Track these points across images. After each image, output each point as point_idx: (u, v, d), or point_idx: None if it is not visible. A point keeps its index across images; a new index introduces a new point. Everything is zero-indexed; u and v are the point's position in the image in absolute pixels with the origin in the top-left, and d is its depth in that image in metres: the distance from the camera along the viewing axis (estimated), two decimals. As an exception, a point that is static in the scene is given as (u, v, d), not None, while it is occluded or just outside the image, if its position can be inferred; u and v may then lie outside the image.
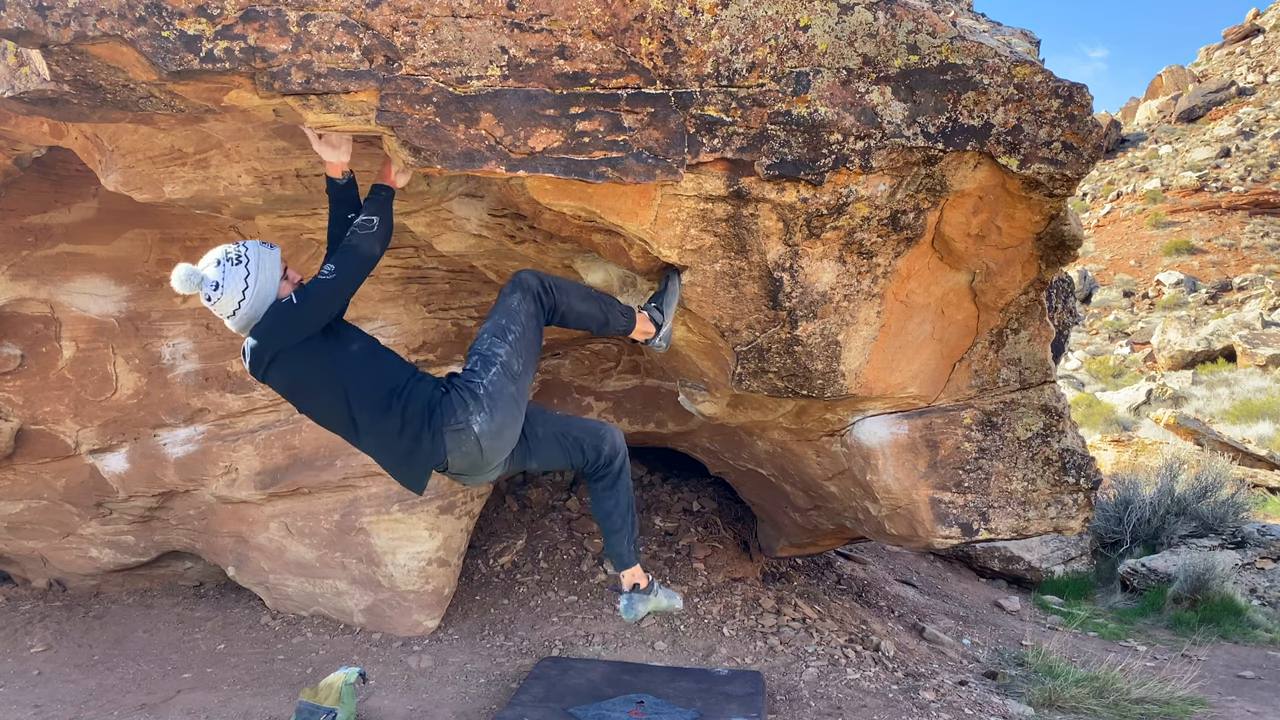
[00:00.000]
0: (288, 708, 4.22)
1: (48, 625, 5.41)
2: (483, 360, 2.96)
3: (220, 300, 2.80)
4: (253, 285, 2.80)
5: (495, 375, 2.92)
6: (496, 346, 2.99)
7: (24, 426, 5.19)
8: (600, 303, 3.29)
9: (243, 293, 2.80)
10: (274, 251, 2.89)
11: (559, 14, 2.81)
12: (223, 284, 2.79)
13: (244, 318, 2.83)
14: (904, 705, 4.47)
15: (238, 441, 5.16)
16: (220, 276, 2.79)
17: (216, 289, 2.79)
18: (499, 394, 2.90)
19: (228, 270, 2.79)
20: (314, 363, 2.87)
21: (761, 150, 2.99)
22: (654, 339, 3.40)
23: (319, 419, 3.04)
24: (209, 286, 2.79)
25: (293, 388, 2.94)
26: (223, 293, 2.79)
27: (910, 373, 3.74)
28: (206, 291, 2.79)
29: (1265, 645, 6.35)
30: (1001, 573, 8.00)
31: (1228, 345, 19.49)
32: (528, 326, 3.07)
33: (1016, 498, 3.91)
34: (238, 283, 2.80)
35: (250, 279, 2.81)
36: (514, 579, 5.78)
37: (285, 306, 2.84)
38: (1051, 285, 4.33)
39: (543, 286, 3.14)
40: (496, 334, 3.03)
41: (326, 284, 2.85)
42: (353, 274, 2.89)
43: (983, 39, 3.06)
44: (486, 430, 2.88)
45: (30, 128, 3.74)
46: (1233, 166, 34.04)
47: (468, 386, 2.90)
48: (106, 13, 2.60)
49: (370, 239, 2.91)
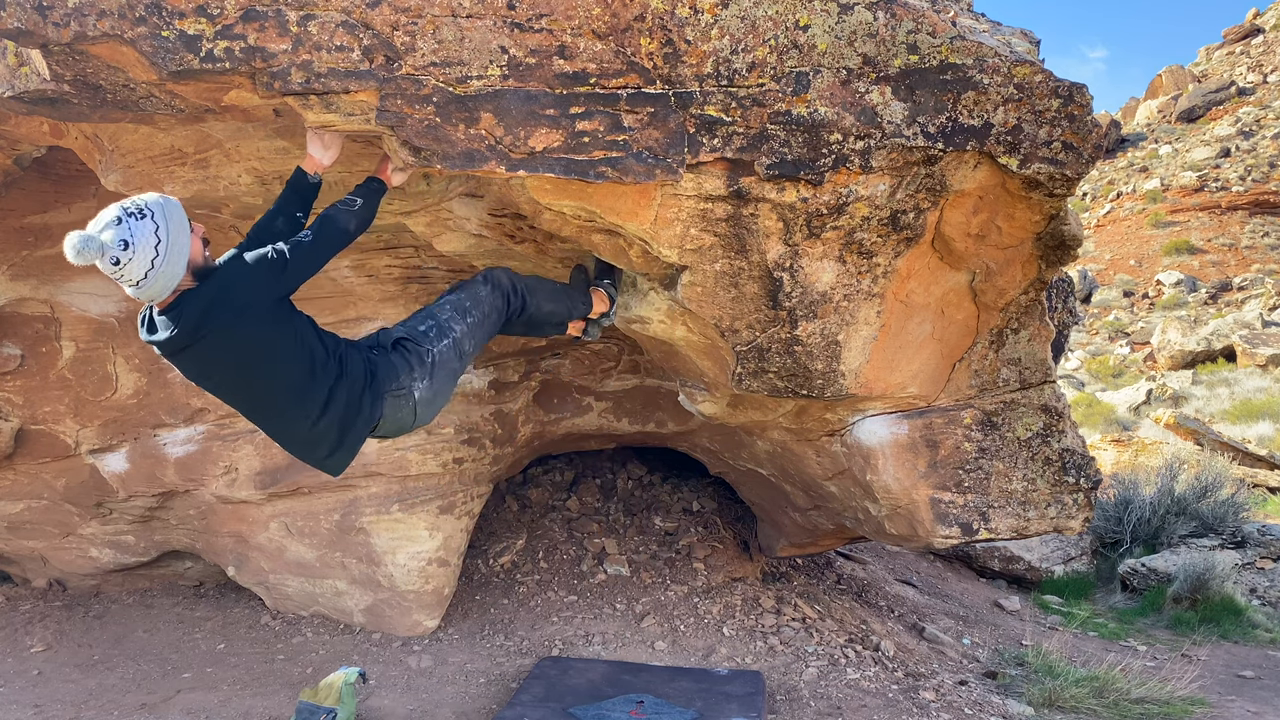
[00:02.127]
0: (288, 708, 4.22)
1: (48, 625, 5.41)
2: (438, 328, 2.90)
3: (130, 263, 2.34)
4: (165, 240, 2.39)
5: (446, 347, 2.87)
6: (454, 321, 2.95)
7: (24, 426, 5.19)
8: (567, 296, 3.30)
9: (155, 249, 2.37)
10: (175, 203, 2.51)
11: (559, 14, 2.81)
12: (132, 243, 2.34)
13: (157, 282, 2.41)
14: (904, 705, 4.47)
15: (238, 441, 5.16)
16: (128, 234, 2.34)
17: (126, 248, 2.33)
18: (443, 365, 2.85)
19: (133, 226, 2.35)
20: (263, 334, 2.56)
21: (761, 150, 2.99)
22: (608, 312, 3.44)
23: (238, 398, 2.71)
24: (115, 247, 2.32)
25: (223, 362, 2.57)
26: (133, 253, 2.34)
27: (910, 373, 3.74)
28: (113, 254, 2.32)
29: (1265, 645, 6.35)
30: (1001, 573, 8.00)
31: (1228, 345, 19.49)
32: (488, 317, 3.05)
33: (1016, 498, 3.91)
34: (148, 239, 2.36)
35: (161, 233, 2.39)
36: (514, 579, 5.78)
37: (260, 264, 2.55)
38: (1051, 285, 4.32)
39: (514, 288, 3.14)
40: (457, 310, 2.99)
41: (306, 246, 2.64)
42: (329, 243, 2.71)
43: (983, 39, 3.06)
44: (424, 397, 2.82)
45: (30, 128, 3.74)
46: (1233, 166, 34.03)
47: (416, 351, 2.81)
48: (106, 13, 2.60)
49: (349, 215, 2.78)
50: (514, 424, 5.51)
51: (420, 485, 5.09)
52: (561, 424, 5.76)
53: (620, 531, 6.25)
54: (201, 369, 2.62)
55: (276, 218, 2.84)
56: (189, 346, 2.52)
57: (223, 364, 2.59)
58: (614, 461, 7.06)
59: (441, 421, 5.09)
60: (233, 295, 2.50)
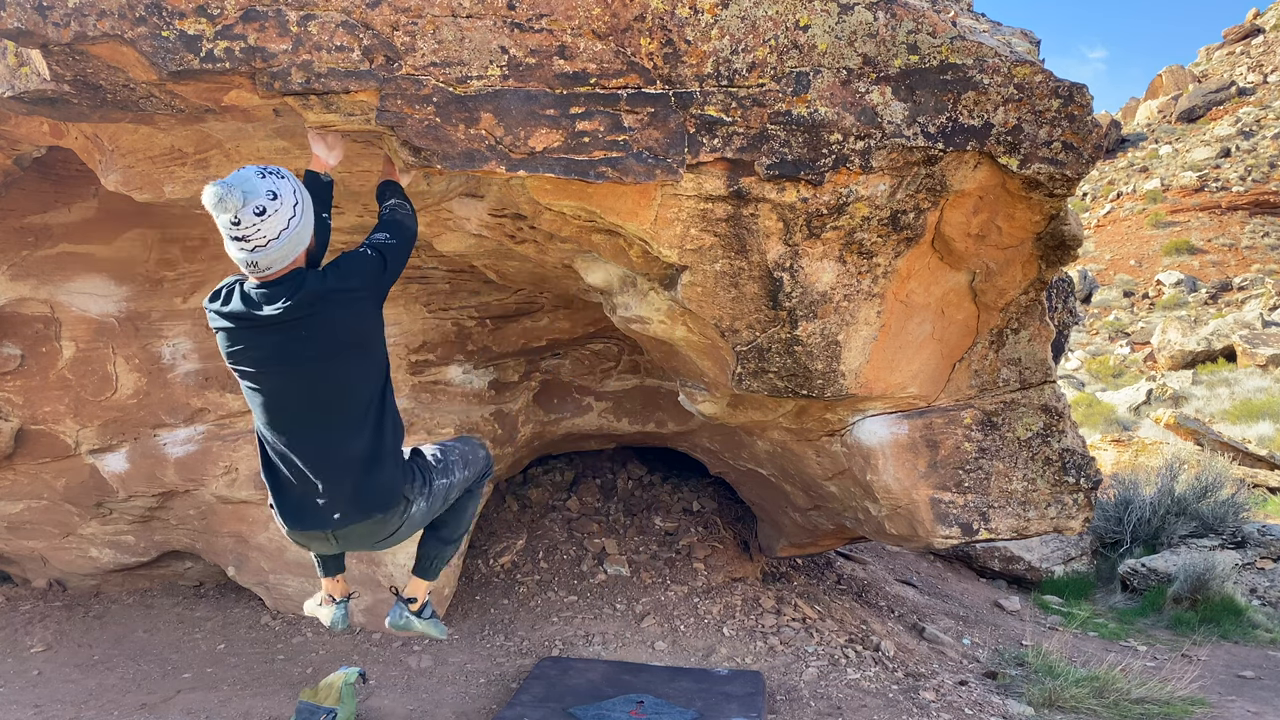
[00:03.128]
0: (288, 708, 4.22)
1: (48, 625, 5.41)
2: (445, 466, 2.85)
3: (272, 216, 2.26)
4: (302, 203, 2.35)
5: (442, 487, 2.82)
6: (457, 469, 2.90)
7: (24, 426, 5.19)
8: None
9: (294, 209, 2.31)
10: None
11: (559, 14, 2.81)
12: (279, 195, 2.28)
13: (285, 245, 2.32)
14: (904, 705, 4.47)
15: (238, 441, 5.16)
16: (275, 187, 2.29)
17: (275, 198, 2.27)
18: (431, 500, 2.78)
19: (278, 183, 2.30)
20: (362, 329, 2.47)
21: (761, 150, 2.99)
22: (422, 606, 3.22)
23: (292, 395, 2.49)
24: (264, 196, 2.25)
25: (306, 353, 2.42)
26: (279, 205, 2.28)
27: (910, 373, 3.74)
28: (260, 202, 2.24)
29: (1265, 645, 6.35)
30: (1001, 573, 8.00)
31: (1228, 345, 19.49)
32: (467, 481, 3.00)
33: (1016, 498, 3.91)
34: (289, 197, 2.31)
35: (299, 195, 2.35)
36: (514, 579, 5.78)
37: (368, 258, 2.49)
38: (1051, 285, 4.32)
39: (488, 470, 3.12)
40: (462, 460, 2.96)
41: (395, 249, 2.57)
42: (408, 245, 2.66)
43: (983, 39, 3.06)
44: (412, 519, 2.72)
45: (30, 128, 3.74)
46: (1233, 166, 34.03)
47: (425, 472, 2.74)
48: (106, 13, 2.61)
49: (410, 217, 2.74)
50: (514, 424, 5.51)
51: (420, 485, 5.09)
52: (561, 424, 5.76)
53: (620, 531, 6.25)
54: (278, 353, 2.43)
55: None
56: (288, 324, 2.37)
57: (304, 355, 2.42)
58: (614, 461, 7.06)
59: (441, 421, 5.09)
60: (351, 282, 2.43)
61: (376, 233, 2.63)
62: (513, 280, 4.47)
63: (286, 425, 2.53)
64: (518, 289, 4.97)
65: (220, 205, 2.22)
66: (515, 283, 4.56)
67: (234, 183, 2.24)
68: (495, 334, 5.21)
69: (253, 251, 2.30)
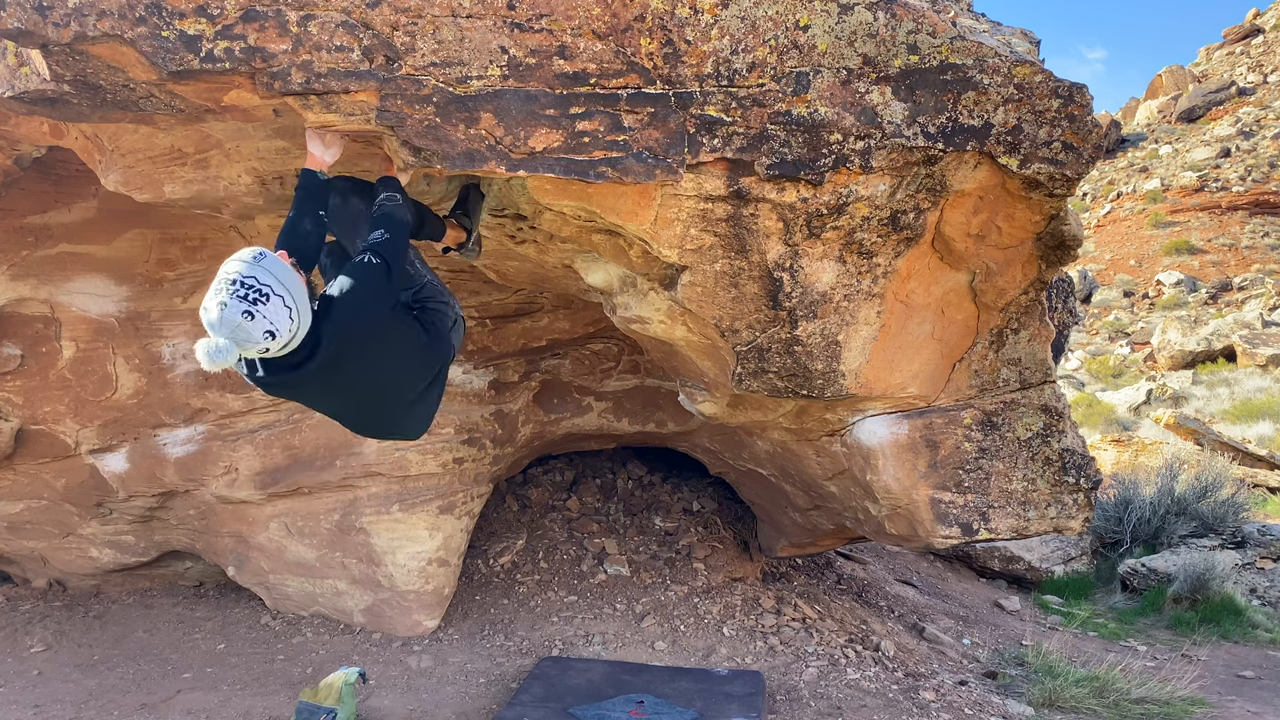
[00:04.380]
0: (288, 708, 4.22)
1: (48, 625, 5.41)
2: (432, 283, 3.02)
3: (279, 341, 2.32)
4: (294, 302, 2.35)
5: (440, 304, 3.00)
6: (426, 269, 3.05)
7: (24, 426, 5.19)
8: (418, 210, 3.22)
9: (290, 317, 2.32)
10: (269, 255, 2.42)
11: (559, 14, 2.81)
12: (275, 328, 2.29)
13: (298, 337, 2.38)
14: (904, 705, 4.47)
15: (238, 441, 5.16)
16: (267, 324, 2.27)
17: (274, 337, 2.29)
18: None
19: (264, 311, 2.27)
20: (394, 334, 2.66)
21: (761, 150, 2.99)
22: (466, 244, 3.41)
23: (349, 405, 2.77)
24: (263, 340, 2.28)
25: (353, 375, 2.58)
26: (279, 334, 2.30)
27: (910, 373, 3.74)
28: (262, 346, 2.29)
29: (1265, 645, 6.35)
30: (1001, 573, 8.00)
31: (1228, 345, 19.49)
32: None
33: (1016, 498, 3.91)
34: (281, 314, 2.30)
35: (289, 300, 2.33)
36: (514, 579, 5.78)
37: (371, 268, 2.54)
38: (1051, 285, 4.33)
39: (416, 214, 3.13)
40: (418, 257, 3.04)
41: (392, 245, 2.63)
42: (403, 236, 2.72)
43: (983, 39, 3.06)
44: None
45: (30, 128, 3.74)
46: (1233, 166, 34.03)
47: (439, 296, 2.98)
48: (106, 13, 2.60)
49: (402, 208, 2.78)
50: (514, 424, 5.51)
51: (420, 485, 5.09)
52: (561, 424, 5.76)
53: (620, 531, 6.25)
54: (325, 387, 2.61)
55: (302, 221, 2.73)
56: (325, 368, 2.49)
57: (351, 378, 2.59)
58: (614, 461, 7.06)
59: (441, 421, 5.09)
60: (369, 310, 2.55)
61: (374, 230, 2.70)
62: (513, 280, 4.47)
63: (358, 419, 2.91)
64: (518, 289, 4.97)
65: (225, 363, 2.25)
66: (515, 283, 4.56)
67: (227, 349, 2.23)
68: (495, 334, 5.21)
69: (280, 351, 2.37)
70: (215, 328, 2.24)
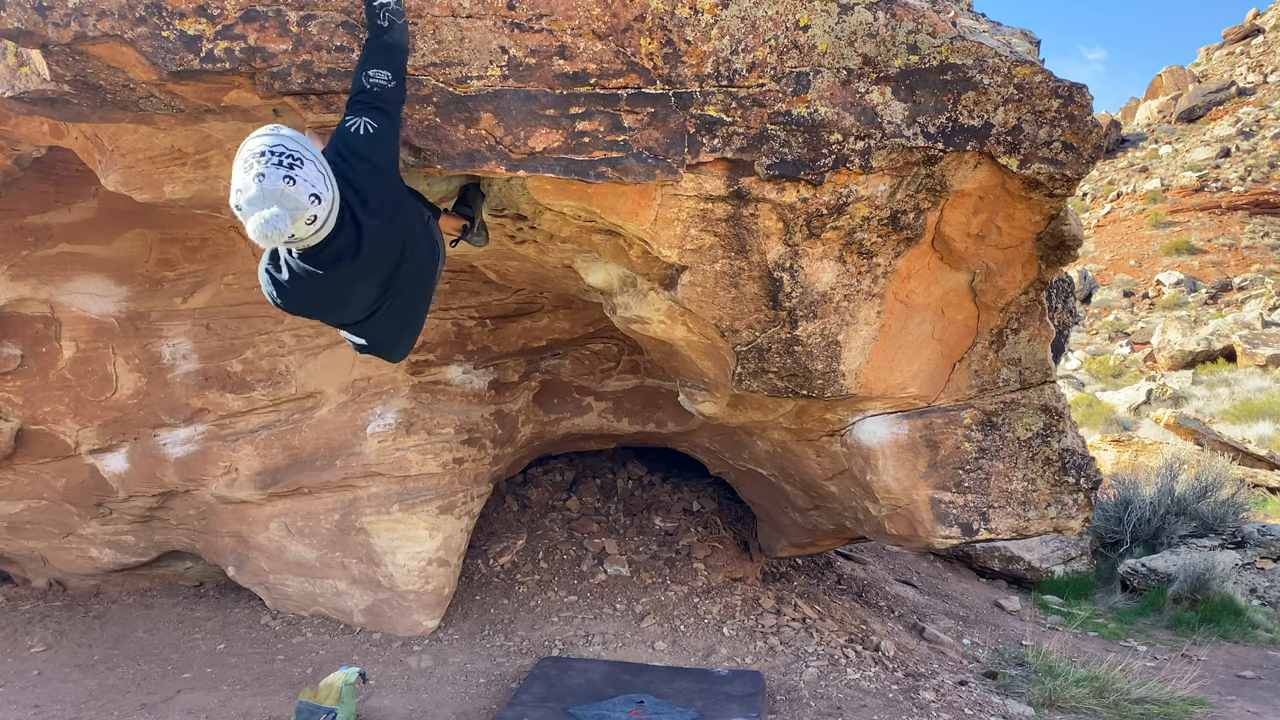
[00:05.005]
0: (288, 708, 4.22)
1: (48, 625, 5.41)
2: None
3: (321, 210, 2.21)
4: (323, 164, 2.26)
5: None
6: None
7: (24, 426, 5.19)
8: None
9: (325, 182, 2.24)
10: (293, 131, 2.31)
11: (559, 14, 2.81)
12: (317, 190, 2.19)
13: (332, 215, 2.28)
14: (904, 705, 4.47)
15: (238, 441, 5.16)
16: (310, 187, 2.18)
17: (319, 202, 2.19)
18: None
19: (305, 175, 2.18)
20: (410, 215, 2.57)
21: (761, 150, 2.99)
22: (471, 230, 3.35)
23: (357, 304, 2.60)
24: (310, 205, 2.17)
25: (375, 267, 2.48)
26: (321, 199, 2.20)
27: (910, 373, 3.74)
28: (310, 213, 2.18)
29: (1265, 645, 6.35)
30: (1001, 573, 8.00)
31: (1228, 345, 19.50)
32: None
33: (1016, 498, 3.91)
34: (317, 174, 2.21)
35: (322, 165, 2.24)
36: (514, 579, 5.78)
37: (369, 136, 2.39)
38: (1051, 285, 4.33)
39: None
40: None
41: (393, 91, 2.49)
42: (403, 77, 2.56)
43: (983, 39, 3.06)
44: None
45: (30, 128, 3.74)
46: (1233, 166, 34.04)
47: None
48: (106, 13, 2.61)
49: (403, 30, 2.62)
50: (514, 424, 5.51)
51: (420, 485, 5.09)
52: (561, 424, 5.76)
53: (620, 531, 6.25)
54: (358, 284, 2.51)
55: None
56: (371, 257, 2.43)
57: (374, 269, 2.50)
58: (614, 461, 7.06)
59: (441, 421, 5.09)
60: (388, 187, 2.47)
61: (371, 68, 2.51)
62: (513, 280, 4.47)
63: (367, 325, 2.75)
64: (518, 289, 4.97)
65: (278, 237, 2.18)
66: (515, 283, 4.56)
67: (274, 220, 2.15)
68: (495, 334, 5.21)
69: (323, 226, 2.27)
70: (258, 202, 2.14)
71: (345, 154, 2.42)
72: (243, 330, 5.01)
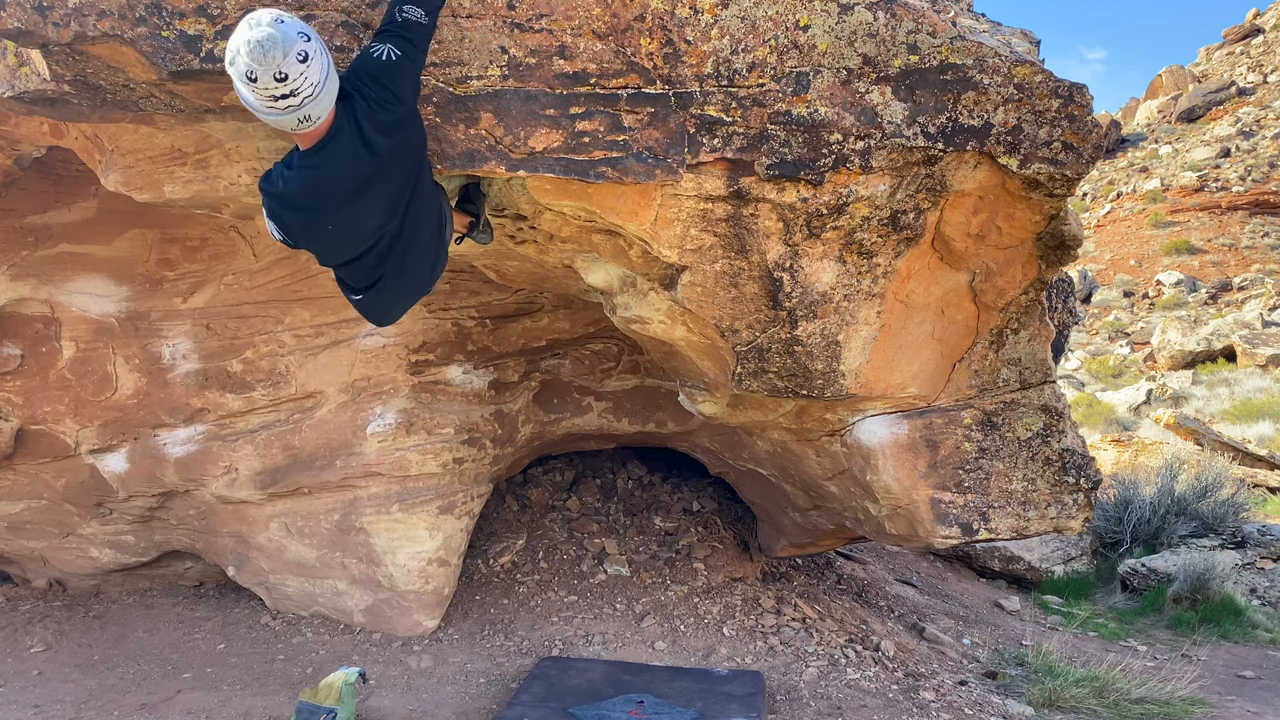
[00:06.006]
0: (288, 708, 4.22)
1: (48, 625, 5.41)
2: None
3: (313, 61, 2.11)
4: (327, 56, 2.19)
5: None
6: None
7: (24, 426, 5.19)
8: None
9: (323, 47, 2.16)
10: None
11: (559, 14, 2.81)
12: (309, 33, 2.11)
13: (327, 91, 2.18)
14: (904, 705, 4.47)
15: (238, 441, 5.16)
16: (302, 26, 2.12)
17: (309, 40, 2.11)
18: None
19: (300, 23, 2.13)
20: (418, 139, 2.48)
21: (761, 150, 2.99)
22: (476, 226, 3.33)
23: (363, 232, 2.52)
24: (299, 40, 2.09)
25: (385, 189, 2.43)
26: (314, 44, 2.13)
27: (910, 373, 3.74)
28: (301, 47, 2.09)
29: (1265, 645, 6.35)
30: (1001, 573, 8.00)
31: (1228, 345, 19.50)
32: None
33: (1016, 498, 3.91)
34: (314, 36, 2.14)
35: (324, 52, 2.17)
36: (514, 579, 5.78)
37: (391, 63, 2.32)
38: (1051, 285, 4.33)
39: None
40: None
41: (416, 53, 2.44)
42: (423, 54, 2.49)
43: (983, 39, 3.06)
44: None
45: (30, 128, 3.74)
46: (1233, 166, 34.05)
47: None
48: (106, 13, 2.61)
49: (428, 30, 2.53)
50: (514, 424, 5.51)
51: (420, 485, 5.09)
52: (561, 424, 5.76)
53: (620, 531, 6.26)
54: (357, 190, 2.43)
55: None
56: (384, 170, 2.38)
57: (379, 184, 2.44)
58: (614, 461, 7.06)
59: (441, 421, 5.09)
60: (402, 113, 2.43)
61: (407, 3, 2.46)
62: (513, 280, 4.47)
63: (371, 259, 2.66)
64: (518, 289, 4.97)
65: (264, 62, 2.07)
66: (515, 283, 4.56)
67: (268, 41, 2.06)
68: (495, 334, 5.21)
69: (301, 105, 2.17)
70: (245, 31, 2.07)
71: (361, 75, 2.39)
72: (243, 330, 5.02)
